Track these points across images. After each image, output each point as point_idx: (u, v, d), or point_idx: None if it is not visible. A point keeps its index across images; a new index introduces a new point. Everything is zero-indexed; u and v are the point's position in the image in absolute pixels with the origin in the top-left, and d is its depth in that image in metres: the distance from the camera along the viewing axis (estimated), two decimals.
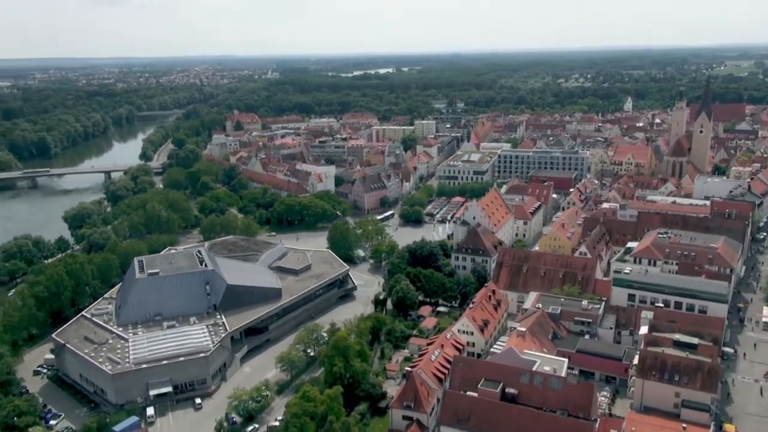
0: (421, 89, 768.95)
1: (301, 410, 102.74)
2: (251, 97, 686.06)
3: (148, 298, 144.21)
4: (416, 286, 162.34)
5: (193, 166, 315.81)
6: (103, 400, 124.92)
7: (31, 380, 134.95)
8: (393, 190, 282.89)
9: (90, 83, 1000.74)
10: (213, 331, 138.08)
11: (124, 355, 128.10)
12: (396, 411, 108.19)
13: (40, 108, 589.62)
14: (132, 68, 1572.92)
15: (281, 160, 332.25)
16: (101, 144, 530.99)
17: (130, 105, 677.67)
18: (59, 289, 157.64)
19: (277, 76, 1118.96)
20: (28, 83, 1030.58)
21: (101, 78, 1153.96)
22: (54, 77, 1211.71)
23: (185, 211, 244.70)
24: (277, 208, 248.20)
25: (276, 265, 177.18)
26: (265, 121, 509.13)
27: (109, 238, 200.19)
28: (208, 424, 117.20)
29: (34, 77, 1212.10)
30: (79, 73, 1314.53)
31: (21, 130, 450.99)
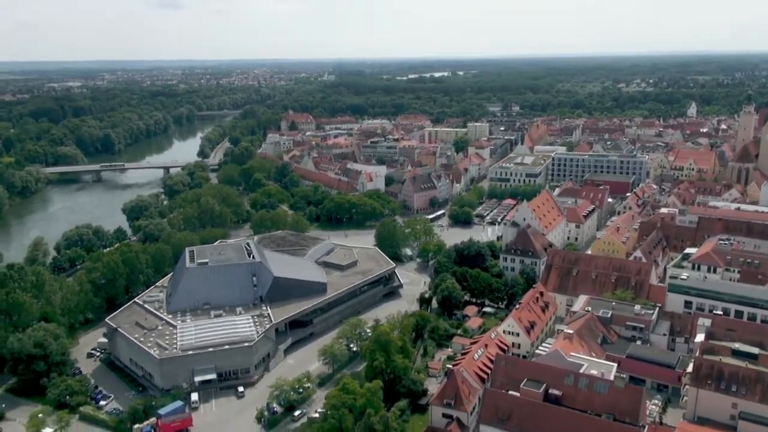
0: (476, 92, 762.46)
1: (340, 402, 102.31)
2: (306, 98, 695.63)
3: (197, 287, 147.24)
4: (462, 285, 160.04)
5: (247, 163, 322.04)
6: (151, 384, 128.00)
7: (84, 362, 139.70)
8: (443, 190, 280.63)
9: (154, 84, 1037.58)
10: (258, 321, 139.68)
11: (172, 342, 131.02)
12: (436, 408, 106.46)
13: (106, 106, 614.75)
14: (194, 70, 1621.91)
15: (333, 159, 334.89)
16: (162, 142, 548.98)
17: (190, 105, 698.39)
18: (114, 276, 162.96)
19: (333, 78, 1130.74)
20: (97, 84, 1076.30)
21: (165, 79, 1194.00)
22: (121, 78, 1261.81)
23: (237, 206, 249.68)
24: (327, 205, 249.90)
25: (323, 261, 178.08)
26: (319, 122, 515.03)
27: (164, 230, 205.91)
28: (249, 412, 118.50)
29: (103, 78, 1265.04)
30: (145, 75, 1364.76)
31: (88, 126, 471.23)
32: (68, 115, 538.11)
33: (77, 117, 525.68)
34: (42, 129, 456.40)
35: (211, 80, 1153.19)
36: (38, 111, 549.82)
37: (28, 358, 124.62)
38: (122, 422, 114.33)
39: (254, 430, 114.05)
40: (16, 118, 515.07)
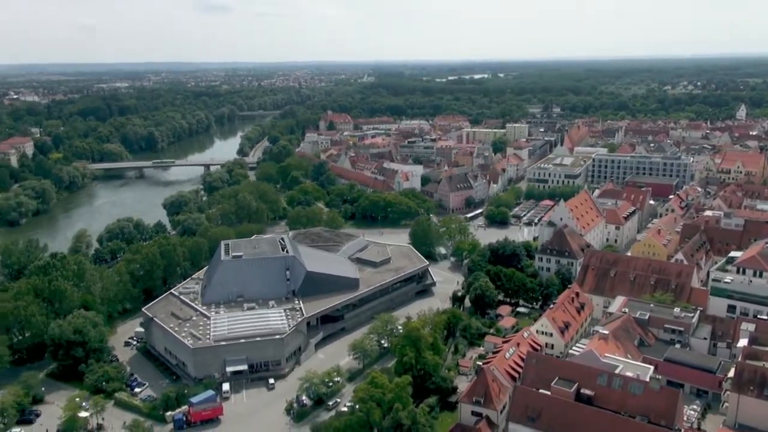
0: (516, 94, 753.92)
1: (368, 396, 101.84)
2: (345, 99, 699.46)
3: (231, 280, 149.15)
4: (496, 284, 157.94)
5: (285, 161, 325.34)
6: (184, 373, 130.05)
7: (121, 350, 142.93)
8: (479, 190, 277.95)
9: (198, 85, 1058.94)
10: (290, 315, 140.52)
11: (205, 332, 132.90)
12: (465, 406, 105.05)
13: (151, 106, 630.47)
14: (237, 72, 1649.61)
15: (369, 159, 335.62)
16: (204, 140, 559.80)
17: (232, 105, 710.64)
18: (152, 268, 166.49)
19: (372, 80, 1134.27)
20: (143, 84, 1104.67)
21: (209, 81, 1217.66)
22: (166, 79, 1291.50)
23: (274, 203, 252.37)
24: (362, 203, 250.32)
25: (356, 257, 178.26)
26: (357, 122, 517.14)
27: (202, 224, 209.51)
28: (279, 404, 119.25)
29: (149, 79, 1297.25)
30: (189, 76, 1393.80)
31: (133, 125, 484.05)
32: (114, 114, 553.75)
33: (123, 116, 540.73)
34: (89, 127, 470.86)
35: (253, 82, 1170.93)
36: (87, 110, 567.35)
37: (67, 344, 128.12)
38: (155, 409, 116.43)
39: (283, 421, 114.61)
40: (66, 117, 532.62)
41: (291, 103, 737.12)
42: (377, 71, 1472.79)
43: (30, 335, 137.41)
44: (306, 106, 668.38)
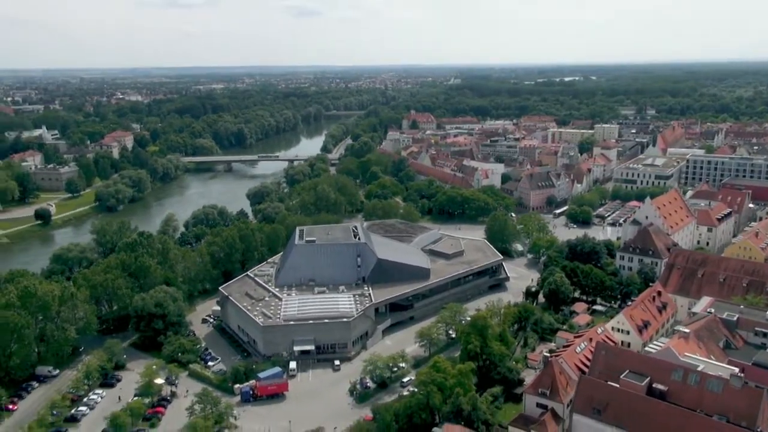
0: (608, 95, 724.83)
1: (430, 379, 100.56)
2: (429, 99, 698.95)
3: (303, 264, 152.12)
4: (572, 281, 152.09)
5: (365, 157, 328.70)
6: (255, 351, 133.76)
7: (198, 327, 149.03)
8: (562, 189, 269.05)
9: (288, 87, 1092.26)
10: (359, 300, 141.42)
11: (276, 312, 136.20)
12: (530, 397, 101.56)
13: (242, 105, 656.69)
14: (326, 75, 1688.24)
15: (450, 156, 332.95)
16: (290, 138, 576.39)
17: (318, 105, 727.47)
18: (231, 251, 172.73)
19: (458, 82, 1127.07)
20: (237, 86, 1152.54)
21: (298, 83, 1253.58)
22: (259, 81, 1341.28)
23: (353, 196, 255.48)
24: (439, 198, 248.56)
25: (429, 248, 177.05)
26: (440, 121, 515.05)
27: (280, 213, 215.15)
28: (343, 385, 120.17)
29: (243, 81, 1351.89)
30: (280, 79, 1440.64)
31: (224, 122, 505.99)
32: (208, 112, 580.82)
33: (216, 113, 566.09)
34: (184, 123, 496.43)
35: (340, 84, 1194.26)
36: (183, 108, 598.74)
37: (149, 317, 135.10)
38: (225, 381, 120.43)
39: (346, 401, 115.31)
40: (164, 114, 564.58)
41: (376, 103, 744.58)
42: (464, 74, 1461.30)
43: (117, 308, 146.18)
44: (390, 107, 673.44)
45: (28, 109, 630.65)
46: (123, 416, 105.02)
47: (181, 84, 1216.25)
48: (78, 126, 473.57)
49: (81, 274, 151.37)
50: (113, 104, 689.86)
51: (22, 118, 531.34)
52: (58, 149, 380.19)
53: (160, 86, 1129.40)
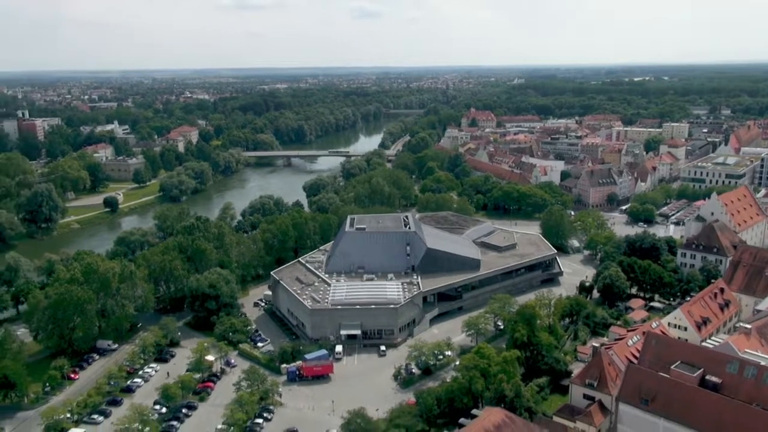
0: (680, 95, 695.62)
1: (473, 364, 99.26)
2: (490, 98, 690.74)
3: (353, 251, 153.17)
4: (629, 276, 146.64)
5: (422, 153, 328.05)
6: (303, 334, 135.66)
7: (250, 310, 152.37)
8: (624, 187, 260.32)
9: (350, 86, 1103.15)
10: (407, 288, 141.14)
11: (324, 297, 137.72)
12: (577, 388, 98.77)
13: (303, 103, 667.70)
14: (388, 75, 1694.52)
15: (508, 153, 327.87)
16: (349, 136, 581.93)
17: (378, 103, 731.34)
18: (285, 238, 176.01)
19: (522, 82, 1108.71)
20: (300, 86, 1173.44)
21: (360, 83, 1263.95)
22: (322, 82, 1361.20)
23: (407, 190, 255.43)
24: (495, 193, 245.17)
25: (480, 241, 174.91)
26: (501, 119, 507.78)
27: (334, 203, 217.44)
28: (388, 370, 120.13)
29: (306, 81, 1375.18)
30: (342, 79, 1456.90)
31: (285, 118, 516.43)
32: (270, 109, 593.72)
33: (277, 111, 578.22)
34: (247, 120, 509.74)
35: (401, 84, 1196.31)
36: (246, 105, 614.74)
37: (202, 297, 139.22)
38: (272, 360, 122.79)
39: (390, 386, 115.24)
40: (228, 111, 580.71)
41: (436, 102, 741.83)
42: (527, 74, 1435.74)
43: (173, 289, 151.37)
44: (450, 106, 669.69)
45: (103, 107, 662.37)
46: (174, 388, 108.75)
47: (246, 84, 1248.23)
48: (147, 121, 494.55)
49: (141, 255, 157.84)
50: (181, 102, 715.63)
51: (97, 114, 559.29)
52: (128, 143, 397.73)
53: (226, 86, 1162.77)
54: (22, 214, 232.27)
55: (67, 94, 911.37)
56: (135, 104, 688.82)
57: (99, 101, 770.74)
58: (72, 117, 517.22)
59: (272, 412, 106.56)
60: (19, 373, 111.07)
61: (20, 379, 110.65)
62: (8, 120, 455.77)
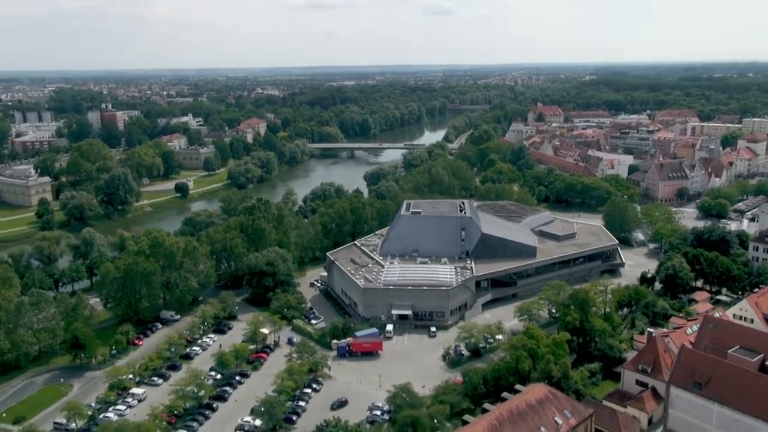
0: (764, 91, 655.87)
1: (521, 344, 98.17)
2: (559, 93, 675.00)
3: (408, 234, 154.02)
4: (694, 268, 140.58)
5: (484, 145, 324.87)
6: (355, 313, 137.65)
7: (306, 290, 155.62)
8: (696, 181, 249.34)
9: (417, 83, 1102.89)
10: (460, 272, 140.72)
11: (377, 277, 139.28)
12: (629, 373, 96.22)
13: (370, 98, 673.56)
14: (456, 73, 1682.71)
15: (574, 146, 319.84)
16: (413, 130, 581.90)
17: (444, 99, 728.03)
18: (342, 222, 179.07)
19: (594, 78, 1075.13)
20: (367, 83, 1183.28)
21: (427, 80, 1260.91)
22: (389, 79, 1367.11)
23: (467, 181, 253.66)
24: (557, 185, 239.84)
25: (538, 229, 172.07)
26: (569, 114, 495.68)
27: (393, 191, 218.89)
28: (437, 351, 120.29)
29: (374, 78, 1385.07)
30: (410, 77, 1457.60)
31: (350, 112, 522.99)
32: (337, 104, 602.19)
33: (343, 105, 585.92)
34: (314, 113, 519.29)
35: (469, 81, 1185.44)
36: (314, 100, 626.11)
37: (260, 274, 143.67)
38: (324, 336, 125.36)
39: (438, 366, 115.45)
40: (297, 106, 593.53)
41: (503, 98, 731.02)
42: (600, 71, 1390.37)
43: (233, 267, 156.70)
44: (517, 102, 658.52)
45: (179, 101, 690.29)
46: (228, 356, 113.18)
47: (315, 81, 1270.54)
48: (219, 114, 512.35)
49: (204, 233, 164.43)
50: (253, 97, 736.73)
51: (173, 107, 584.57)
52: (200, 133, 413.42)
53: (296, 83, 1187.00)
54: (101, 197, 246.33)
55: (148, 90, 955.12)
56: (209, 99, 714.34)
57: (176, 96, 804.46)
58: (150, 110, 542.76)
59: (321, 384, 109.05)
60: (89, 336, 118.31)
61: (89, 341, 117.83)
62: (92, 111, 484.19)
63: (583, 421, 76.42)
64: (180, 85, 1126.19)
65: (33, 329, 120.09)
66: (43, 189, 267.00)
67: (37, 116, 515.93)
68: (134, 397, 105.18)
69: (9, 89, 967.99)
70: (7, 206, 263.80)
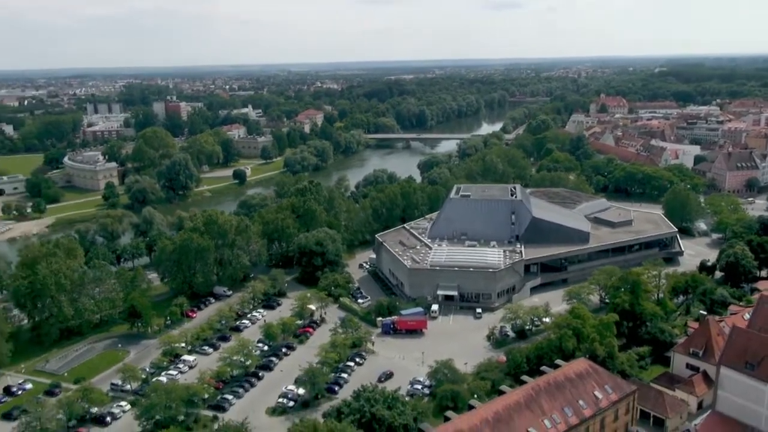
0: None
1: (566, 323, 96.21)
2: (624, 84, 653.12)
3: (456, 217, 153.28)
4: (758, 257, 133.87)
5: (541, 134, 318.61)
6: (401, 293, 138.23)
7: (355, 271, 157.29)
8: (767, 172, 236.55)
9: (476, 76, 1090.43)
10: (508, 256, 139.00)
11: (424, 259, 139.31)
12: (679, 356, 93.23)
13: (427, 90, 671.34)
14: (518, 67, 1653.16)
15: (636, 136, 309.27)
16: (471, 122, 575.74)
17: (504, 91, 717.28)
18: (392, 206, 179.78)
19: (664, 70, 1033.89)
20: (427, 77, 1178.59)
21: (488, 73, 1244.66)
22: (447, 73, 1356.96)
23: (522, 169, 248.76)
24: (616, 174, 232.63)
25: (593, 216, 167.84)
26: (633, 106, 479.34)
27: (445, 177, 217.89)
28: (482, 332, 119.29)
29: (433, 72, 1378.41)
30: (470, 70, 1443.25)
31: (407, 103, 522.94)
32: (394, 96, 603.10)
33: (400, 96, 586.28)
34: (371, 105, 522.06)
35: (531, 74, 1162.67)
36: (371, 92, 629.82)
37: (310, 253, 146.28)
38: (369, 314, 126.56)
39: (481, 345, 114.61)
40: (354, 98, 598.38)
41: (565, 90, 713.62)
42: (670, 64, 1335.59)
43: (284, 247, 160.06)
44: (580, 93, 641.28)
45: (241, 95, 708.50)
46: (275, 328, 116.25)
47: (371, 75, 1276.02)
48: (278, 105, 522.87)
49: (257, 213, 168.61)
50: (312, 90, 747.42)
51: (234, 99, 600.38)
52: (259, 124, 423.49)
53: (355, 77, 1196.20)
54: (163, 181, 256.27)
55: (211, 84, 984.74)
56: (269, 93, 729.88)
57: (238, 90, 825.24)
58: (213, 102, 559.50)
59: (364, 358, 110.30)
60: (145, 307, 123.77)
61: (146, 311, 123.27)
62: (157, 102, 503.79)
63: (625, 397, 74.49)
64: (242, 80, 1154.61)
65: (95, 299, 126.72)
66: (110, 174, 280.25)
67: (107, 108, 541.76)
68: (185, 364, 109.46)
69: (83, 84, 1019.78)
70: (77, 190, 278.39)
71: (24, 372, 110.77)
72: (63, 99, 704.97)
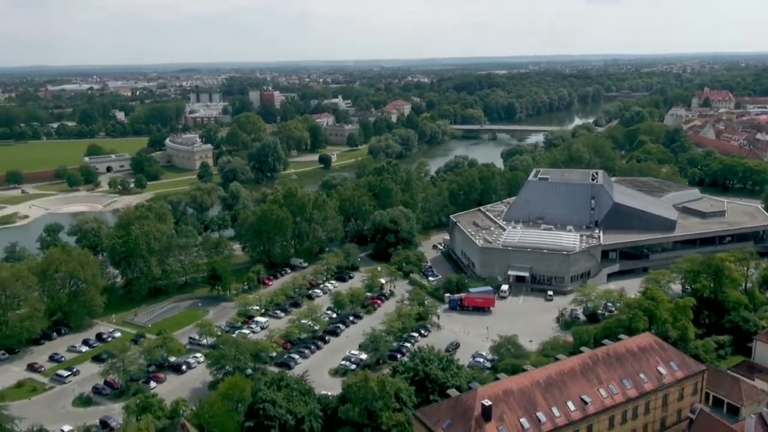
0: None
1: (637, 304, 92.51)
2: (733, 79, 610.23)
3: (534, 200, 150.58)
4: None
5: (634, 126, 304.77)
6: (473, 273, 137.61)
7: (428, 252, 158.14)
8: None
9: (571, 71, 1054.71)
10: (585, 240, 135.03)
11: (497, 239, 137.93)
12: (762, 345, 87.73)
13: (518, 84, 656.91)
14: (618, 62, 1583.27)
15: (740, 130, 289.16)
16: (562, 116, 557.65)
17: (599, 85, 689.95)
18: (470, 190, 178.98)
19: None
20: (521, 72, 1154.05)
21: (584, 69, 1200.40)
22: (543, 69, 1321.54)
23: (610, 160, 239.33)
24: (713, 166, 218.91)
25: (682, 205, 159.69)
26: (741, 100, 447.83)
27: (527, 163, 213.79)
28: (551, 313, 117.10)
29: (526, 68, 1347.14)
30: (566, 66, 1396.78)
31: (495, 95, 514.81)
32: (484, 88, 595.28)
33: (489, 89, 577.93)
34: (459, 97, 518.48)
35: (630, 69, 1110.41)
36: (460, 85, 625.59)
37: (384, 230, 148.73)
38: (437, 290, 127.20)
39: (549, 326, 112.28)
40: (443, 91, 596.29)
41: (665, 84, 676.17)
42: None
43: (360, 225, 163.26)
44: (683, 88, 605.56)
45: (333, 87, 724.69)
46: (344, 296, 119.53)
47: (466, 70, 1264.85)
48: (367, 96, 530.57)
49: (335, 190, 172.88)
50: (401, 84, 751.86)
51: (326, 90, 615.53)
52: (348, 113, 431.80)
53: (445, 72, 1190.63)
54: (252, 163, 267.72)
55: (306, 77, 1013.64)
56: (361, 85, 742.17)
57: (331, 83, 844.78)
58: (305, 93, 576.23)
59: (428, 330, 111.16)
60: (226, 271, 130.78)
61: (226, 275, 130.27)
62: (253, 91, 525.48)
63: (692, 376, 70.95)
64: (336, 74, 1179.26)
65: (181, 262, 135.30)
66: (205, 155, 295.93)
67: (208, 97, 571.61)
68: (258, 324, 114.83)
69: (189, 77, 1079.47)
70: (176, 169, 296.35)
71: (114, 322, 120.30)
72: (170, 90, 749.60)
